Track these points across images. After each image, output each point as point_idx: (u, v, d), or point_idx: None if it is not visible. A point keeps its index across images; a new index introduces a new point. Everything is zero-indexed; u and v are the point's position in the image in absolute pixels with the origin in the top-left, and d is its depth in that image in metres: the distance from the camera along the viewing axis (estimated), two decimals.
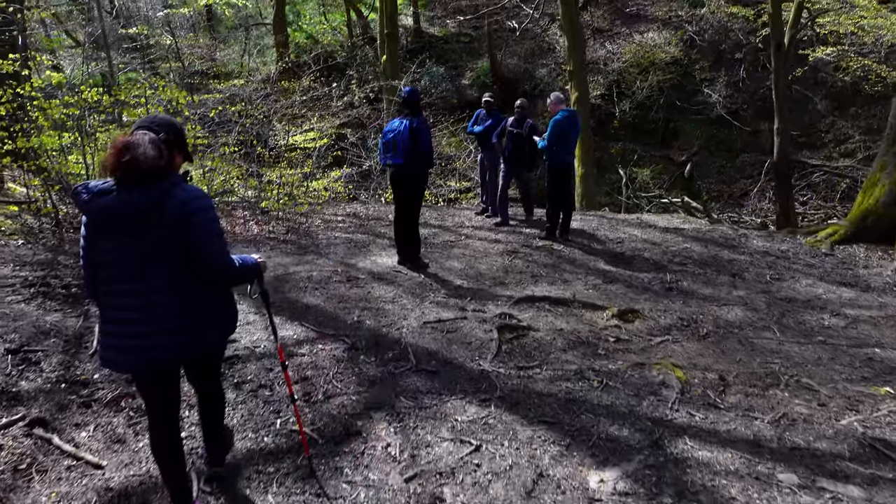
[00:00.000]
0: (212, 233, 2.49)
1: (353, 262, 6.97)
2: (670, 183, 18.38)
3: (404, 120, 6.32)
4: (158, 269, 2.44)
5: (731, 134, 18.03)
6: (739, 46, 18.10)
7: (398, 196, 6.62)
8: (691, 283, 6.60)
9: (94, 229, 2.50)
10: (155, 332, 2.47)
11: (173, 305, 2.49)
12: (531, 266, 6.97)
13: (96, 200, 2.42)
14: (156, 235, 2.40)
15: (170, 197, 2.41)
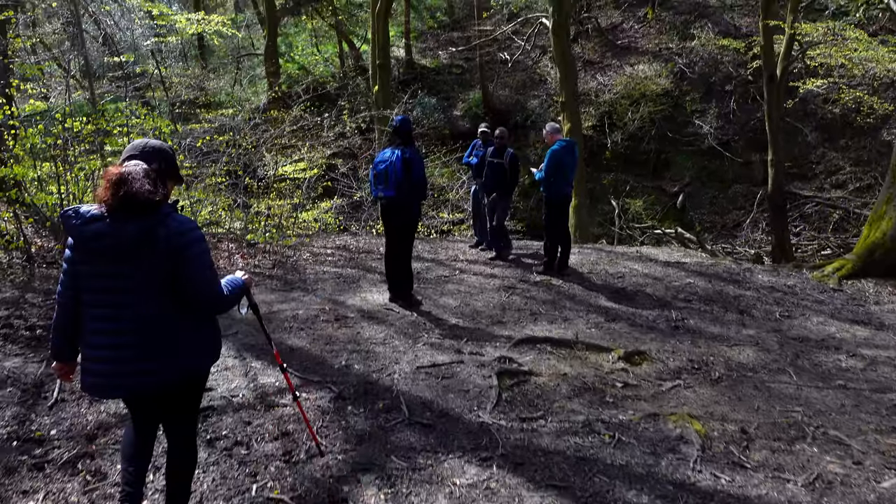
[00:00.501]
0: (204, 264, 2.49)
1: (342, 299, 6.55)
2: (663, 214, 18.16)
3: (396, 150, 5.97)
4: (150, 297, 2.43)
5: (723, 165, 17.88)
6: (729, 78, 18.06)
7: (389, 229, 6.24)
8: (698, 322, 6.22)
9: (82, 255, 2.45)
10: (145, 359, 2.45)
11: (165, 332, 2.47)
12: (530, 303, 6.57)
13: (88, 226, 2.38)
14: (148, 264, 2.39)
15: (162, 227, 2.38)
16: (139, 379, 2.48)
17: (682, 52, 18.41)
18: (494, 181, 7.93)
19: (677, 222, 17.34)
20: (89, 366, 2.51)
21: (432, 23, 22.68)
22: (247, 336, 5.37)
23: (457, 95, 20.43)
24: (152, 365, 2.47)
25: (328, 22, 20.77)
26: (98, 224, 2.37)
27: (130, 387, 2.51)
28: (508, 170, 7.81)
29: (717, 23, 18.35)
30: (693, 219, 17.77)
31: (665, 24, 19.28)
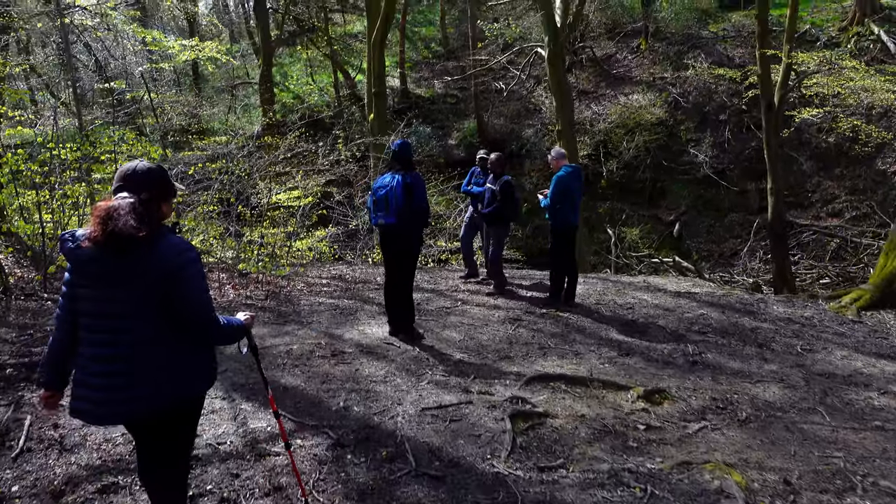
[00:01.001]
0: (199, 288, 2.43)
1: (339, 332, 6.11)
2: (659, 242, 17.89)
3: (396, 175, 5.60)
4: (146, 321, 2.37)
5: (719, 194, 17.69)
6: (723, 108, 17.98)
7: (389, 258, 5.84)
8: (716, 356, 5.82)
9: (79, 278, 2.43)
10: (138, 384, 2.38)
11: (159, 357, 2.40)
12: (537, 336, 6.16)
13: (82, 250, 2.36)
14: (142, 287, 2.34)
15: (154, 254, 2.33)
16: (131, 406, 2.40)
17: (676, 81, 18.34)
18: (488, 210, 7.53)
19: (674, 251, 17.06)
20: (82, 392, 2.42)
21: (427, 53, 22.62)
22: (237, 374, 4.92)
23: (452, 124, 20.25)
24: (145, 390, 2.39)
25: (323, 52, 20.64)
26: (91, 249, 2.34)
27: (123, 414, 2.43)
28: (500, 197, 7.38)
29: (710, 53, 18.34)
30: (690, 247, 17.50)
31: (658, 55, 19.26)
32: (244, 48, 23.92)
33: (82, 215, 7.66)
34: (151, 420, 2.48)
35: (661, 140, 18.00)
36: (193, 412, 2.66)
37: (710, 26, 19.31)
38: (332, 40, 20.15)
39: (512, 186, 7.44)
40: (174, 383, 2.45)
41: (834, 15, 18.26)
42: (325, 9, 21.11)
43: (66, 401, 2.56)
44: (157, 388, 2.40)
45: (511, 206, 7.44)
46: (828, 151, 17.14)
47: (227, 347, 5.41)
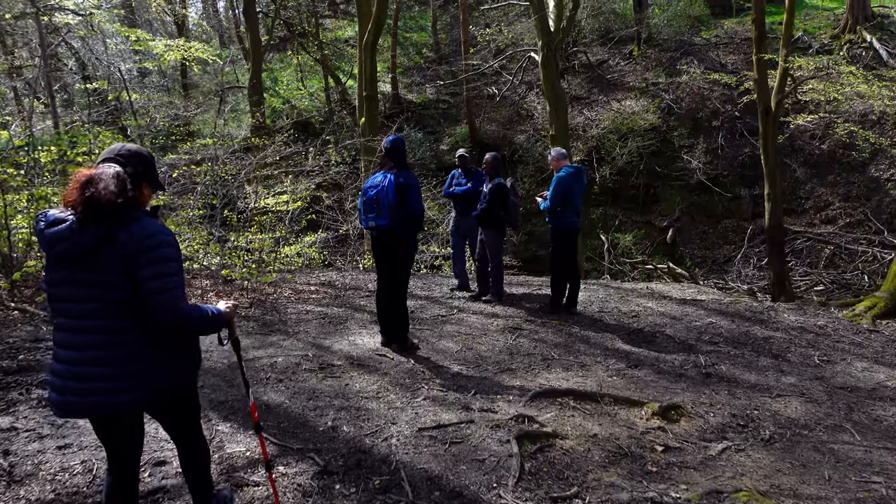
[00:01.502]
0: (166, 271, 2.23)
1: (328, 343, 5.63)
2: (652, 249, 17.53)
3: (388, 174, 5.15)
4: (115, 308, 2.21)
5: (712, 200, 17.37)
6: (716, 114, 17.70)
7: (381, 264, 5.38)
8: (730, 368, 5.40)
9: (49, 262, 2.28)
10: (109, 376, 2.21)
11: (130, 346, 2.24)
12: (539, 347, 5.71)
13: (49, 229, 2.21)
14: (110, 271, 2.18)
15: (125, 231, 2.17)
16: (98, 399, 2.21)
17: (669, 87, 18.05)
18: (480, 213, 7.03)
19: (667, 257, 16.71)
20: (51, 381, 2.28)
21: (418, 59, 22.23)
22: (214, 391, 4.44)
23: (443, 130, 19.85)
24: (116, 384, 2.21)
25: (314, 56, 20.19)
26: (59, 227, 2.18)
27: (90, 407, 2.24)
28: (489, 200, 6.89)
29: (703, 60, 18.08)
30: (683, 253, 17.16)
31: (651, 61, 18.98)
32: (234, 53, 23.42)
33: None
34: (123, 416, 2.31)
35: (654, 146, 17.68)
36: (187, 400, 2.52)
37: (702, 33, 19.07)
38: (323, 45, 19.70)
39: (505, 189, 6.99)
40: (151, 378, 2.27)
41: (826, 22, 18.08)
42: (315, 14, 20.68)
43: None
44: (129, 383, 2.23)
45: (504, 210, 6.99)
46: (821, 158, 16.92)
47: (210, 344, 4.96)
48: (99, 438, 2.45)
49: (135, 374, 2.24)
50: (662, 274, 14.92)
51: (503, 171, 7.32)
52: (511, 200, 7.01)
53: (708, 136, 17.65)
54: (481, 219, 6.95)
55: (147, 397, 2.30)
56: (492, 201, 6.87)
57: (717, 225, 17.30)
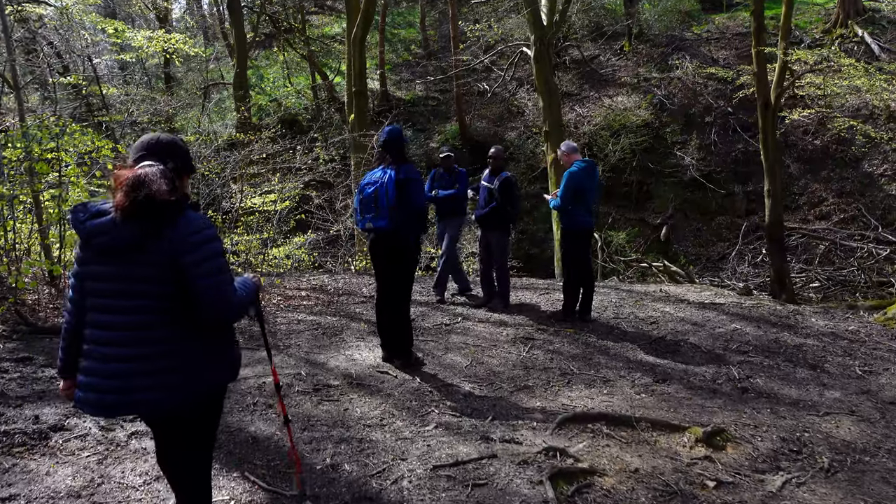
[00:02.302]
0: (217, 267, 2.09)
1: (322, 359, 4.96)
2: (646, 246, 17.02)
3: (387, 169, 4.50)
4: (157, 304, 2.09)
5: (706, 197, 16.90)
6: (709, 110, 17.22)
7: (381, 270, 4.73)
8: (767, 381, 4.81)
9: (87, 253, 2.14)
10: (144, 373, 2.08)
11: (170, 345, 2.11)
12: (556, 359, 5.09)
13: (92, 221, 2.10)
14: (155, 265, 2.06)
15: (171, 226, 2.05)
16: (136, 397, 2.10)
17: (661, 83, 17.53)
18: (490, 213, 6.37)
19: (661, 255, 16.22)
20: (88, 380, 2.15)
21: (407, 55, 21.53)
22: None
23: (433, 127, 19.18)
24: (153, 381, 2.10)
25: (300, 53, 19.41)
26: (103, 219, 2.09)
27: (131, 405, 2.14)
28: (500, 197, 6.31)
29: (695, 55, 17.58)
30: (677, 251, 16.68)
31: (643, 57, 18.45)
32: (219, 50, 22.53)
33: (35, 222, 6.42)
34: (162, 416, 2.21)
35: (646, 142, 17.17)
36: (214, 409, 2.33)
37: (693, 28, 18.57)
38: (310, 41, 18.93)
39: (513, 184, 6.39)
40: (188, 376, 2.14)
41: (817, 17, 17.66)
42: (302, 9, 19.90)
43: None
44: (166, 380, 2.11)
45: (513, 207, 6.39)
46: (814, 154, 16.51)
47: None
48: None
49: (174, 373, 2.11)
50: (658, 272, 14.42)
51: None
52: (517, 195, 6.41)
53: (701, 132, 17.16)
54: (489, 219, 6.32)
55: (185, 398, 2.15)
56: (503, 199, 6.25)
57: (711, 222, 16.83)
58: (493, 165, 6.44)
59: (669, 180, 17.12)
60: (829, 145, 16.24)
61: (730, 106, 16.93)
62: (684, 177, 16.94)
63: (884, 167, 15.99)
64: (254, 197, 10.54)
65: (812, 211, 16.23)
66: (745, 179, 16.74)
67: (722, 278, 15.14)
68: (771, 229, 12.42)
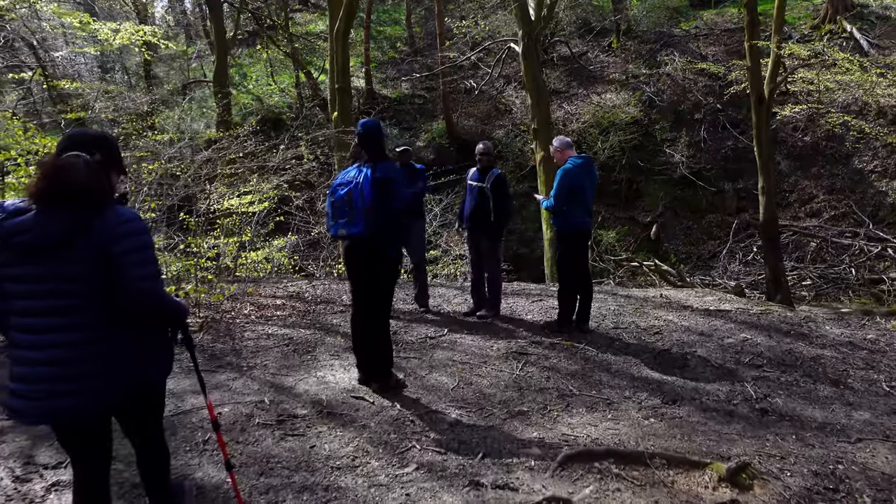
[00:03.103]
0: (145, 259, 2.04)
1: (290, 382, 4.32)
2: (636, 245, 16.49)
3: (364, 168, 3.87)
4: (82, 303, 2.00)
5: (696, 194, 16.40)
6: (698, 107, 16.71)
7: (357, 281, 4.10)
8: (787, 400, 4.24)
9: (7, 255, 2.01)
10: (76, 377, 2.00)
11: (99, 345, 2.02)
12: (553, 378, 4.49)
13: (11, 220, 1.98)
14: (81, 262, 1.98)
15: (99, 218, 1.98)
16: (64, 401, 1.99)
17: (650, 80, 17.00)
18: (480, 215, 5.77)
19: (652, 253, 15.71)
20: (11, 385, 2.05)
21: (393, 53, 20.84)
22: (130, 468, 3.11)
23: (420, 126, 18.53)
24: (83, 385, 2.00)
25: (284, 50, 18.68)
26: (23, 217, 1.98)
27: (65, 410, 2.01)
28: (492, 197, 5.70)
29: (684, 52, 17.07)
30: (668, 249, 16.16)
31: (631, 54, 17.91)
32: (201, 48, 21.74)
33: None
34: (88, 418, 2.07)
35: (636, 140, 16.64)
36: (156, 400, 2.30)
37: (681, 24, 18.06)
38: (293, 37, 18.19)
39: (505, 182, 5.79)
40: (128, 371, 2.07)
41: (805, 13, 17.21)
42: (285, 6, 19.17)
43: None
44: (107, 377, 2.02)
45: (507, 207, 5.80)
46: (804, 150, 16.05)
47: None
48: (63, 447, 2.23)
49: (103, 375, 2.03)
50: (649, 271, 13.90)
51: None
52: (510, 194, 5.83)
53: (690, 128, 16.66)
54: (481, 221, 5.70)
55: (122, 394, 2.09)
56: (498, 199, 5.66)
57: (702, 220, 16.33)
58: (482, 162, 5.82)
59: (659, 178, 16.61)
60: (819, 142, 15.80)
61: (719, 102, 16.45)
62: (674, 174, 16.44)
63: (874, 163, 15.57)
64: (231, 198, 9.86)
65: (803, 208, 15.78)
66: (735, 177, 16.28)
67: (713, 277, 14.67)
68: (765, 227, 11.91)
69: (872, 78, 11.39)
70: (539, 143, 13.13)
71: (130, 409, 2.22)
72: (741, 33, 17.42)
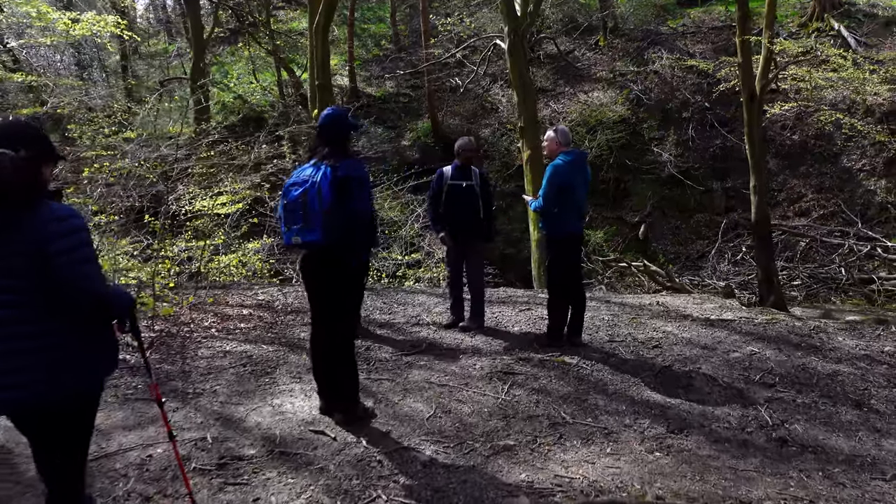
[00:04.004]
0: (84, 256, 1.98)
1: (241, 412, 3.68)
2: (624, 245, 15.97)
3: (322, 165, 3.25)
4: (21, 298, 1.95)
5: (684, 194, 15.90)
6: (686, 105, 16.22)
7: (315, 297, 3.48)
8: (807, 426, 3.68)
9: None
10: (13, 370, 1.94)
11: (39, 339, 1.96)
12: (543, 402, 3.90)
13: None
14: (15, 256, 1.92)
15: (30, 214, 1.93)
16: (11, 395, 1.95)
17: (638, 78, 16.48)
18: (470, 216, 5.15)
19: (640, 254, 15.20)
20: None
21: (377, 51, 20.17)
22: None
23: (405, 124, 17.88)
24: (21, 379, 1.94)
25: (266, 48, 17.95)
26: None
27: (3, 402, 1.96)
28: (481, 198, 5.11)
29: (672, 49, 16.57)
30: (656, 249, 15.65)
31: (618, 52, 17.38)
32: (181, 47, 20.92)
33: None
34: (25, 414, 2.01)
35: (623, 139, 16.12)
36: (86, 410, 2.13)
37: (668, 22, 17.56)
38: (275, 34, 17.46)
39: (489, 181, 5.22)
40: (68, 368, 1.99)
41: (793, 11, 16.78)
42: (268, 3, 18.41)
43: None
44: (48, 372, 1.96)
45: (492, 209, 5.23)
46: (793, 149, 15.61)
47: None
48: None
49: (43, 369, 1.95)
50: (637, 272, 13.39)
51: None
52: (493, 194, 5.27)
53: (678, 127, 16.16)
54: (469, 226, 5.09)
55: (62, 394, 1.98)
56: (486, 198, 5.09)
57: (690, 220, 15.84)
58: (462, 160, 5.20)
59: (647, 177, 16.10)
60: (808, 140, 15.38)
61: (707, 101, 15.97)
62: (662, 174, 15.94)
63: (862, 162, 15.18)
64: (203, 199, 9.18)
65: (792, 207, 15.35)
66: (723, 176, 15.80)
67: (702, 277, 14.19)
68: (758, 227, 11.36)
69: (865, 74, 10.91)
70: (525, 142, 12.56)
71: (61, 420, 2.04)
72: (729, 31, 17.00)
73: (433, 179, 5.24)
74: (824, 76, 11.70)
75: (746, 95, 11.15)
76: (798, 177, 15.36)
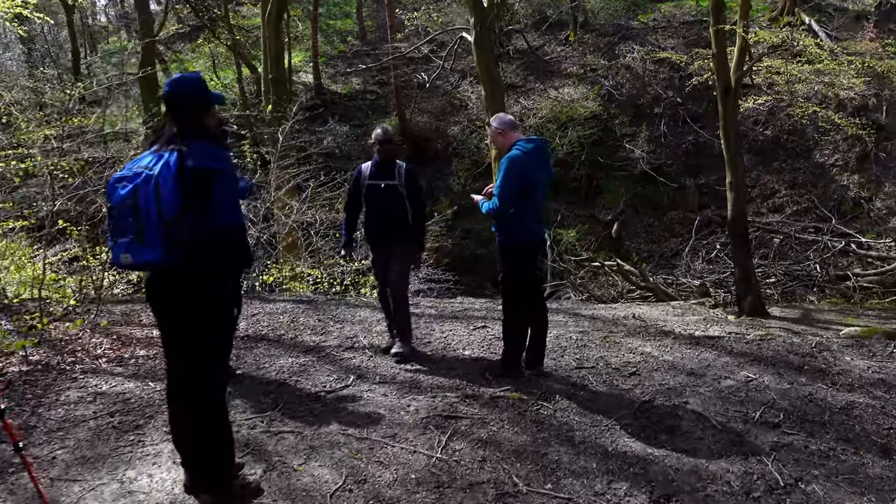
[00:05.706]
0: None
1: (76, 494, 2.62)
2: (597, 244, 15.12)
3: (165, 153, 2.22)
4: None
5: (657, 191, 15.12)
6: (658, 100, 15.40)
7: (165, 334, 2.44)
8: (827, 486, 2.75)
9: None
10: None
11: None
12: (489, 458, 2.91)
13: None
14: None
15: None
16: None
17: (609, 73, 15.62)
18: (397, 220, 4.16)
19: (613, 252, 14.36)
20: None
21: (343, 47, 19.06)
22: None
23: (371, 122, 16.78)
24: None
25: (225, 42, 16.75)
26: None
27: None
28: (410, 194, 4.14)
29: (643, 44, 15.74)
30: (629, 248, 14.83)
31: (589, 47, 16.52)
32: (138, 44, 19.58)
33: None
34: None
35: (595, 135, 15.26)
36: None
37: (639, 17, 16.76)
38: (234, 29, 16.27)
39: (417, 176, 4.23)
40: None
41: (764, 5, 16.08)
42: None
43: None
44: None
45: (422, 209, 4.25)
46: (765, 144, 14.91)
47: None
48: None
49: None
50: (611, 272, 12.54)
51: None
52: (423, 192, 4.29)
53: (650, 123, 15.35)
54: (394, 228, 4.10)
55: None
56: (414, 198, 4.10)
57: (663, 217, 15.05)
58: (382, 155, 4.16)
59: (619, 174, 15.27)
60: (780, 136, 14.69)
61: (679, 96, 15.19)
62: (634, 170, 15.13)
63: (835, 157, 14.54)
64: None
65: (765, 203, 14.64)
66: (696, 172, 15.06)
67: (676, 276, 13.40)
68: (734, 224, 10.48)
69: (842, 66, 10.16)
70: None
71: None
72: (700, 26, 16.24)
73: (350, 179, 4.24)
74: (799, 68, 10.94)
75: (721, 88, 10.24)
76: (771, 172, 14.67)
